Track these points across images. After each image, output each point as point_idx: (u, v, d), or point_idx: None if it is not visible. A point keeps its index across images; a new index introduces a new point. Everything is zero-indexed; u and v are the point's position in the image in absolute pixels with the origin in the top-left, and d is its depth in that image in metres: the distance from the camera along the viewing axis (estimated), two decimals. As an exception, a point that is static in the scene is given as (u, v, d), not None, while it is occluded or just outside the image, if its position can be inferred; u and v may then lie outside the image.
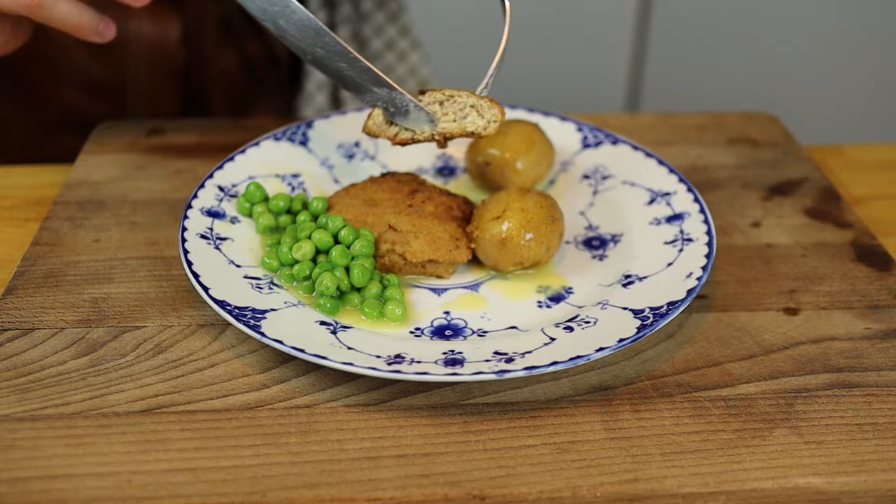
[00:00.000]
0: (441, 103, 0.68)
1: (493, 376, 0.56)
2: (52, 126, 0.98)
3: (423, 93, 0.68)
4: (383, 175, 0.74)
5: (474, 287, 0.68)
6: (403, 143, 0.69)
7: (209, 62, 1.00)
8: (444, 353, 0.59)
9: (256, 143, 0.78)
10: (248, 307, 0.61)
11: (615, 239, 0.72)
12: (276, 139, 0.79)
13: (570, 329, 0.61)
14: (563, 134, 0.82)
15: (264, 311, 0.61)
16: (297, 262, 0.65)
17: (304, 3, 1.06)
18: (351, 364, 0.56)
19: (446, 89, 0.68)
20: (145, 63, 0.96)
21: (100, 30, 0.73)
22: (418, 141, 0.69)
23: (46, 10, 0.70)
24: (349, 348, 0.59)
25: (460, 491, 0.52)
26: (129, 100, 0.98)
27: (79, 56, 0.95)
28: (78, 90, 0.97)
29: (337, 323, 0.62)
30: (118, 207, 0.75)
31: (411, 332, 0.63)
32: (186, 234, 0.66)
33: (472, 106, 0.67)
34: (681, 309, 0.61)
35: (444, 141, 0.68)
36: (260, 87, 1.07)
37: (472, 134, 0.67)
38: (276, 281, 0.66)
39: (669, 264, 0.67)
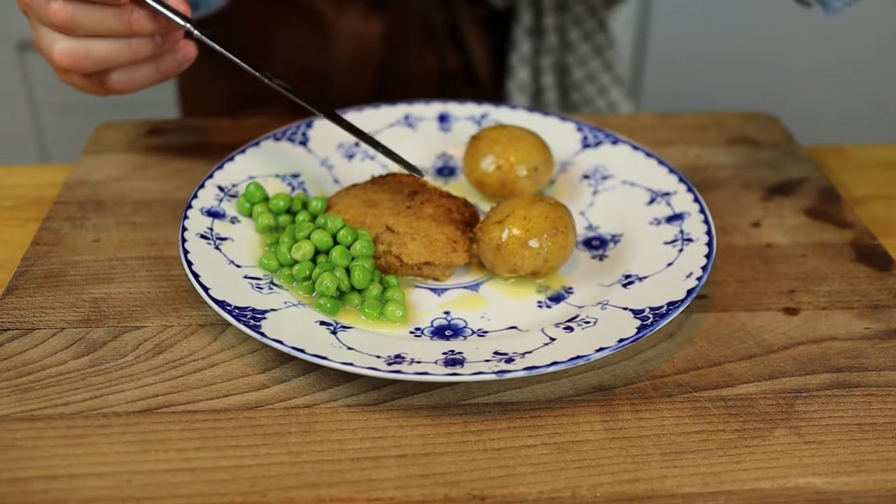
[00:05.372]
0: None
1: (493, 376, 0.56)
2: (246, 97, 1.07)
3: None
4: (385, 176, 0.74)
5: (474, 287, 0.68)
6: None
7: (402, 61, 1.08)
8: (444, 353, 0.59)
9: (256, 143, 0.78)
10: (248, 307, 0.61)
11: (615, 239, 0.72)
12: (276, 139, 0.79)
13: (570, 329, 0.61)
14: (563, 134, 0.82)
15: (264, 312, 0.61)
16: (296, 262, 0.65)
17: (509, 33, 1.10)
18: (351, 364, 0.56)
19: None
20: (348, 54, 1.07)
21: (180, 61, 0.72)
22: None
23: (125, 85, 0.71)
24: (349, 348, 0.59)
25: (460, 491, 0.52)
26: (332, 83, 1.09)
27: (296, 41, 1.06)
28: (288, 69, 1.06)
29: (337, 323, 0.62)
30: (118, 207, 0.75)
31: (411, 333, 0.63)
32: (186, 234, 0.66)
33: None
34: (681, 309, 0.61)
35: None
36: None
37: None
38: (276, 281, 0.66)
39: (669, 264, 0.67)
